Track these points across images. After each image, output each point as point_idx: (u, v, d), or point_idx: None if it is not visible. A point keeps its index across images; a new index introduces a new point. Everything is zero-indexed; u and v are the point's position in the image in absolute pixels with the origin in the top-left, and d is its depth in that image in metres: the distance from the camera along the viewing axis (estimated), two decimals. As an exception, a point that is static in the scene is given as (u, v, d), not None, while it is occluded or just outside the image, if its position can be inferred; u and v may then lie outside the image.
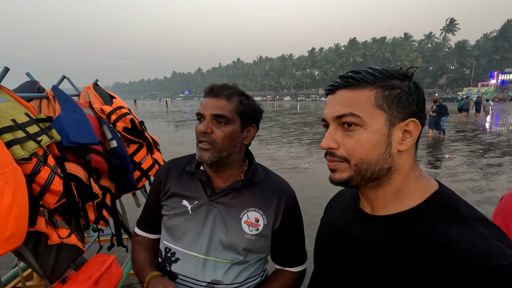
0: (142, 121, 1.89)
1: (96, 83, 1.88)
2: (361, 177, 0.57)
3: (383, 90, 0.55)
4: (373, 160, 0.56)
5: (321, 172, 6.22)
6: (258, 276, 0.97)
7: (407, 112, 0.55)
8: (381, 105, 0.55)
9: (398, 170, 0.58)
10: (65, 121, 1.32)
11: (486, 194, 4.78)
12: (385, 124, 0.55)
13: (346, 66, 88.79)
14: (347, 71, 0.60)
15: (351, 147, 0.56)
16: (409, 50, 78.19)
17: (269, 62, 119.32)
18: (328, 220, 0.78)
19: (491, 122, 16.06)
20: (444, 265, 0.46)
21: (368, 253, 0.58)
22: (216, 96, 0.88)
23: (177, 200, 0.95)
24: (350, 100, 0.56)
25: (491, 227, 0.50)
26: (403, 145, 0.56)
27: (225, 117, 0.86)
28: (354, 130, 0.56)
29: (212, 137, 0.86)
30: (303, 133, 12.84)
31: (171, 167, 1.02)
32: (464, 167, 6.52)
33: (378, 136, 0.55)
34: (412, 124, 0.56)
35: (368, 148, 0.55)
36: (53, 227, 1.22)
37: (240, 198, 0.92)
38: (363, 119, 0.55)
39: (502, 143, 9.34)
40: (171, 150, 8.60)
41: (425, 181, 0.59)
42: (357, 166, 0.57)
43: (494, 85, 57.22)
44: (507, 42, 65.86)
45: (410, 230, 0.54)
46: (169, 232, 0.94)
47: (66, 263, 1.23)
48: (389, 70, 0.58)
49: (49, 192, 1.10)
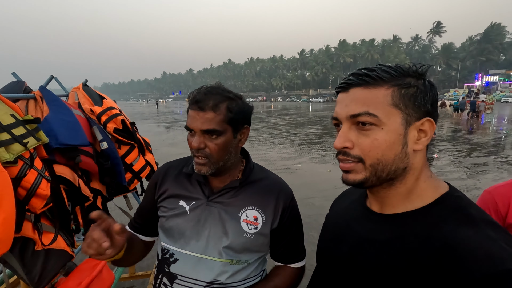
0: (133, 122, 1.85)
1: (86, 83, 1.84)
2: (377, 178, 0.56)
3: (399, 89, 0.54)
4: (389, 160, 0.55)
5: (313, 173, 6.26)
6: (257, 276, 0.97)
7: (423, 111, 0.55)
8: (398, 104, 0.54)
9: (412, 170, 0.57)
10: (54, 122, 1.28)
11: (473, 192, 4.90)
12: (402, 124, 0.54)
13: (336, 68, 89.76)
14: (360, 68, 0.58)
15: (367, 147, 0.55)
16: (397, 52, 79.57)
17: (260, 63, 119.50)
18: (334, 217, 0.78)
19: (483, 121, 16.54)
20: (451, 265, 0.45)
21: (374, 250, 0.57)
22: (202, 110, 0.84)
23: (174, 201, 0.95)
24: (366, 98, 0.55)
25: (501, 231, 0.49)
26: (419, 144, 0.55)
27: (216, 131, 0.84)
28: (370, 130, 0.54)
29: (206, 151, 0.86)
30: (294, 133, 12.89)
31: (168, 169, 1.02)
32: (452, 166, 6.67)
33: (395, 135, 0.54)
34: (428, 124, 0.55)
35: (385, 148, 0.54)
36: (40, 232, 1.18)
37: (238, 197, 0.93)
38: (380, 118, 0.53)
39: (488, 143, 9.61)
40: (162, 151, 8.51)
41: (436, 182, 0.59)
42: (373, 167, 0.55)
43: (479, 86, 58.89)
44: (491, 45, 67.88)
45: (418, 229, 0.53)
46: (167, 233, 0.94)
47: (55, 269, 1.20)
48: (404, 68, 0.57)
49: (35, 196, 1.06)
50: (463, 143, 9.69)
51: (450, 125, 15.15)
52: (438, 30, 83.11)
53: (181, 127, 16.19)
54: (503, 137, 10.83)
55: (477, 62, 68.57)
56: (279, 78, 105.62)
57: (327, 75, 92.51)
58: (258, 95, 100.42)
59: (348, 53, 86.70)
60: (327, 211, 0.88)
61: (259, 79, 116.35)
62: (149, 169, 1.92)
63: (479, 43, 69.91)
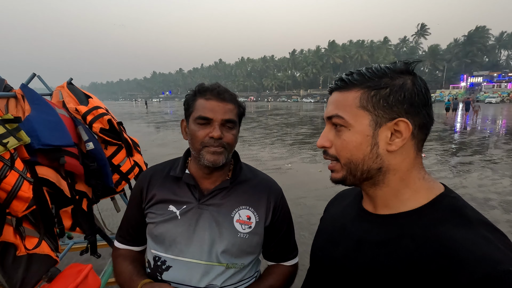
0: (120, 122, 1.81)
1: (71, 82, 1.78)
2: (353, 176, 0.59)
3: (369, 91, 0.55)
4: (358, 160, 0.57)
5: (304, 173, 6.28)
6: (252, 277, 0.96)
7: (395, 112, 0.54)
8: (366, 106, 0.55)
9: (393, 171, 0.57)
10: (36, 121, 1.23)
11: (460, 191, 5.01)
12: (370, 125, 0.55)
13: (326, 68, 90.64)
14: (347, 71, 0.61)
15: (338, 147, 0.59)
16: (386, 53, 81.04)
17: (251, 63, 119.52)
18: (330, 219, 0.78)
19: (475, 120, 17.02)
20: (448, 266, 0.45)
21: (370, 251, 0.57)
22: (224, 100, 0.88)
23: (163, 206, 0.92)
24: (338, 101, 0.59)
25: (496, 233, 0.49)
26: (392, 145, 0.55)
27: (234, 121, 0.88)
28: (341, 131, 0.58)
29: (223, 141, 0.87)
30: (285, 133, 12.93)
31: (152, 174, 0.98)
32: (439, 165, 6.82)
33: (361, 137, 0.56)
34: (402, 124, 0.54)
35: (352, 148, 0.57)
36: (22, 236, 1.13)
37: (230, 198, 0.92)
38: (347, 120, 0.57)
39: (473, 142, 9.87)
40: (151, 152, 8.38)
41: (430, 183, 0.58)
42: (347, 166, 0.59)
43: (464, 87, 60.57)
44: (475, 47, 69.90)
45: (413, 230, 0.53)
46: (157, 240, 0.91)
47: (37, 275, 1.15)
48: (381, 69, 0.57)
49: (16, 198, 1.02)
50: (449, 142, 9.93)
51: (441, 124, 15.50)
52: (423, 32, 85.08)
53: (171, 127, 16.02)
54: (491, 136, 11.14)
55: (462, 64, 70.51)
56: (270, 78, 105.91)
57: (317, 75, 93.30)
58: (249, 95, 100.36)
59: (338, 54, 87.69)
60: (318, 210, 0.87)
61: (250, 79, 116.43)
62: (138, 170, 1.87)
63: (464, 45, 71.92)
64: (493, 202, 4.47)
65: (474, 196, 4.73)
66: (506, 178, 5.72)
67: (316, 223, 3.20)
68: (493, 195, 4.79)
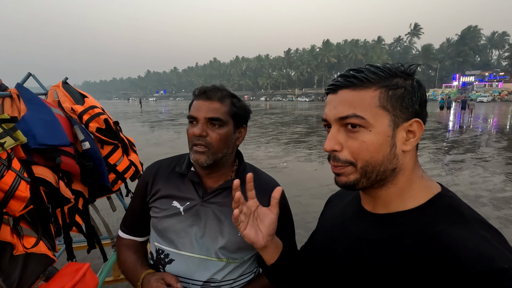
0: (117, 121, 1.81)
1: (66, 81, 1.77)
2: (367, 179, 0.56)
3: (387, 90, 0.54)
4: (378, 162, 0.55)
5: (299, 171, 6.32)
6: (252, 273, 0.98)
7: (410, 112, 0.55)
8: (385, 105, 0.54)
9: (403, 170, 0.57)
10: (32, 121, 1.23)
11: (452, 188, 5.08)
12: (390, 125, 0.54)
13: (321, 67, 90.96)
14: (349, 69, 0.58)
15: (356, 149, 0.55)
16: (380, 53, 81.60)
17: (246, 62, 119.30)
18: (328, 218, 0.78)
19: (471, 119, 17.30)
20: (446, 264, 0.46)
21: (368, 250, 0.57)
22: (209, 99, 0.88)
23: (167, 202, 0.94)
24: (353, 100, 0.55)
25: (492, 231, 0.50)
26: (407, 145, 0.55)
27: (219, 120, 0.87)
28: (358, 132, 0.54)
29: (207, 140, 0.87)
30: (280, 132, 12.97)
31: (158, 168, 1.00)
32: (432, 163, 6.92)
33: (383, 137, 0.54)
34: (416, 124, 0.55)
35: (373, 150, 0.54)
36: (18, 236, 1.13)
37: (232, 197, 0.92)
38: (368, 120, 0.53)
39: (465, 141, 10.03)
40: (146, 151, 8.34)
41: (427, 182, 0.59)
42: (363, 169, 0.56)
43: (456, 86, 61.34)
44: (467, 47, 70.82)
45: (411, 229, 0.53)
46: (161, 234, 0.93)
47: (35, 274, 1.15)
48: (392, 68, 0.56)
49: (14, 198, 1.02)
50: (441, 141, 10.06)
51: (434, 122, 15.70)
52: (416, 32, 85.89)
53: (166, 126, 15.94)
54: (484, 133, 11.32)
55: (454, 63, 71.42)
56: (265, 77, 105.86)
57: (312, 74, 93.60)
58: (244, 94, 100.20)
59: (332, 53, 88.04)
60: (313, 209, 0.89)
61: (245, 78, 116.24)
62: (134, 170, 1.87)
63: (456, 45, 72.84)
64: (484, 199, 4.56)
65: (465, 194, 4.82)
66: (496, 175, 5.84)
67: (311, 221, 3.26)
68: (484, 192, 4.89)
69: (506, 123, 16.10)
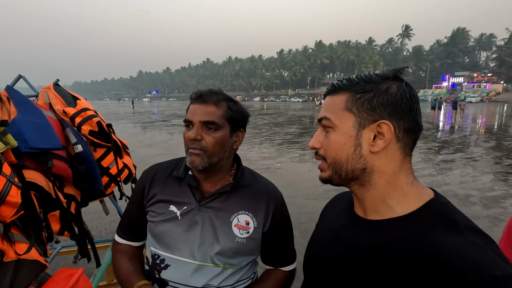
0: (110, 124, 1.79)
1: (57, 83, 1.75)
2: (338, 176, 0.61)
3: (354, 94, 0.59)
4: (342, 160, 0.59)
5: (293, 172, 6.34)
6: (248, 279, 0.97)
7: (378, 114, 0.56)
8: (350, 108, 0.58)
9: (378, 172, 0.58)
10: (23, 124, 1.21)
11: (443, 188, 5.19)
12: (354, 126, 0.58)
13: (314, 68, 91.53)
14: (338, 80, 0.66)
15: (325, 147, 0.62)
16: (372, 54, 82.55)
17: (239, 63, 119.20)
18: (324, 225, 0.78)
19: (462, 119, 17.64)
20: (438, 272, 0.46)
21: (361, 257, 0.58)
22: (205, 102, 0.88)
23: (164, 206, 0.93)
24: (328, 104, 0.63)
25: (485, 238, 0.50)
26: (374, 146, 0.57)
27: (215, 123, 0.87)
28: (329, 132, 0.61)
29: (202, 143, 0.86)
30: (274, 133, 12.99)
31: (155, 172, 0.99)
32: (423, 163, 7.03)
33: (345, 137, 0.59)
34: (385, 126, 0.56)
35: (337, 148, 0.59)
36: (9, 242, 1.11)
37: (229, 202, 0.92)
38: (333, 121, 0.60)
39: (455, 140, 10.22)
40: (139, 152, 8.24)
41: (419, 189, 0.59)
42: (332, 165, 0.61)
43: (446, 87, 62.49)
44: (457, 48, 72.23)
45: (403, 236, 0.54)
46: (157, 239, 0.92)
47: (26, 281, 1.12)
48: (369, 75, 0.60)
49: (4, 204, 0.99)
50: (432, 140, 10.22)
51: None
52: (407, 33, 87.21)
53: (159, 127, 15.80)
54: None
55: (444, 64, 72.71)
56: (258, 78, 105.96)
57: (305, 75, 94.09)
58: (237, 94, 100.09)
59: (325, 54, 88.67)
60: (307, 209, 0.90)
61: (238, 79, 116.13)
62: (127, 172, 1.85)
63: (446, 46, 74.18)
64: (474, 199, 4.65)
65: (456, 193, 4.90)
66: (486, 175, 5.97)
67: (305, 222, 3.28)
68: (474, 191, 4.98)
69: (494, 123, 16.48)
